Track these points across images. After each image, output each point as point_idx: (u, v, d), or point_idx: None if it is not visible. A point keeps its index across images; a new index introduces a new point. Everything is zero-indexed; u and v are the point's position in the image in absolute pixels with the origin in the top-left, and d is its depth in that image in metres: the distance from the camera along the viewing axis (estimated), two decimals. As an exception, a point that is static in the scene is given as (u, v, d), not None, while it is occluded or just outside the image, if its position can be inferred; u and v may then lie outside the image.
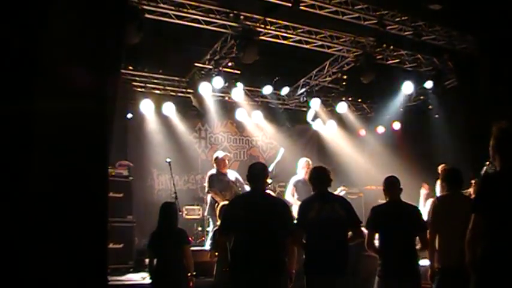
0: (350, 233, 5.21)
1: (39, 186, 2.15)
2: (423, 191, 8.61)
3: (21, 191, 2.11)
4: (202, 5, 8.17)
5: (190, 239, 6.47)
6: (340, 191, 8.90)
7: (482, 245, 3.64)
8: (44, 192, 2.15)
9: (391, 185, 5.37)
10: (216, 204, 8.15)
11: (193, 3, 8.10)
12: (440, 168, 6.87)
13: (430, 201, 6.10)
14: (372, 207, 5.51)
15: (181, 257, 5.91)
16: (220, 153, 8.94)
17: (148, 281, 6.39)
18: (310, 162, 8.95)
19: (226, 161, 8.96)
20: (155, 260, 5.98)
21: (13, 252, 2.08)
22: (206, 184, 8.74)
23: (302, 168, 8.94)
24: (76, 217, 2.24)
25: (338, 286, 4.98)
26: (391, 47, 9.98)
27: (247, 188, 8.00)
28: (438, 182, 7.01)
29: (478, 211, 3.65)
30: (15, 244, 2.09)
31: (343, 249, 5.10)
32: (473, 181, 6.81)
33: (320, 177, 5.40)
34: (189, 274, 5.94)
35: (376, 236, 5.30)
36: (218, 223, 6.84)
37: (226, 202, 6.63)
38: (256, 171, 5.13)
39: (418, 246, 5.20)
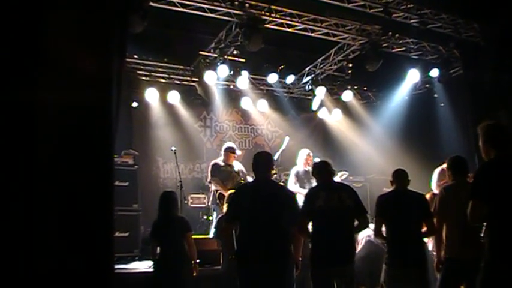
0: (356, 222, 5.23)
1: (44, 177, 2.16)
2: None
3: (25, 182, 2.12)
4: (207, -7, 8.13)
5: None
6: (341, 175, 8.92)
7: (489, 232, 3.68)
8: (49, 182, 2.16)
9: (400, 176, 5.40)
10: (218, 193, 8.17)
11: (198, -9, 8.06)
12: None
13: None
14: (378, 196, 5.54)
15: (183, 244, 5.94)
16: (237, 151, 8.82)
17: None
18: (311, 154, 8.98)
19: (235, 156, 8.87)
20: (158, 249, 6.02)
21: (18, 243, 2.10)
22: (209, 173, 8.74)
23: (302, 159, 8.96)
24: (82, 206, 2.25)
25: (345, 275, 5.02)
26: (397, 35, 9.94)
27: (250, 179, 8.01)
28: (436, 170, 7.00)
29: (476, 197, 3.68)
30: (21, 235, 2.10)
31: (350, 239, 5.13)
32: None
33: (323, 170, 5.43)
34: (192, 262, 5.98)
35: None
36: (220, 211, 6.87)
37: (232, 191, 6.62)
38: (262, 160, 5.16)
39: (423, 229, 5.21)
